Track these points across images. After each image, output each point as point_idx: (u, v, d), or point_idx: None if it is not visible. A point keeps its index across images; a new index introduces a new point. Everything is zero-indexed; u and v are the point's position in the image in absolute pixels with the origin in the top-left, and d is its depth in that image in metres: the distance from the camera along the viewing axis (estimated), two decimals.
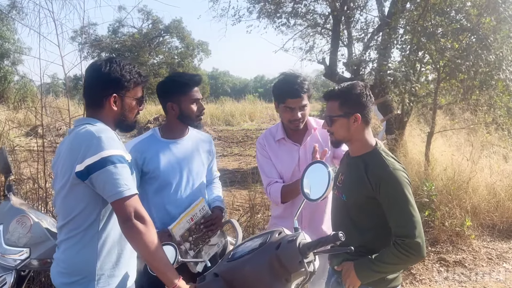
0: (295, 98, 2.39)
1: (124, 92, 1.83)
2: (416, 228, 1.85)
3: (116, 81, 1.79)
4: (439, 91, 6.18)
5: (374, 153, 2.02)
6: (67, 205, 1.74)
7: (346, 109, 1.98)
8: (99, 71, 1.80)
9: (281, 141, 2.56)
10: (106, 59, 1.84)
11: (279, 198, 2.46)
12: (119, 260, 1.79)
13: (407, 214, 1.87)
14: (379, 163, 1.96)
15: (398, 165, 1.98)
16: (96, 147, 1.64)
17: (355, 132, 2.01)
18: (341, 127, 2.01)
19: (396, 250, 1.85)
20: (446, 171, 6.01)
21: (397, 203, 1.88)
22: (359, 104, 1.98)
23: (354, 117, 1.98)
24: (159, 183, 2.34)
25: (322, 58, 8.32)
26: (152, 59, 33.10)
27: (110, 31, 32.56)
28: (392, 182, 1.90)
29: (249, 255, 1.56)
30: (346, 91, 1.99)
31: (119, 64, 1.81)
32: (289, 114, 2.43)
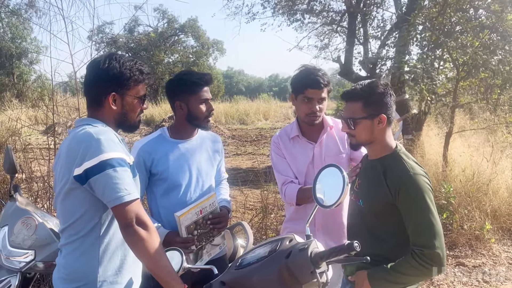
0: (315, 89, 2.32)
1: (124, 90, 1.73)
2: (436, 238, 1.73)
3: (115, 79, 1.70)
4: (458, 90, 6.00)
5: (393, 156, 1.91)
6: (66, 209, 1.67)
7: (370, 110, 1.88)
8: (98, 68, 1.71)
9: (296, 138, 2.49)
10: (106, 55, 1.74)
11: (294, 200, 2.38)
12: (122, 266, 1.72)
13: (427, 222, 1.75)
14: (398, 167, 1.85)
15: (419, 169, 1.86)
16: (95, 150, 1.56)
17: (378, 134, 1.91)
18: (365, 130, 1.90)
19: (414, 261, 1.74)
20: (465, 172, 5.84)
21: (417, 210, 1.76)
22: (383, 104, 1.88)
23: (379, 118, 1.87)
24: (168, 185, 2.27)
25: (337, 57, 8.19)
26: (168, 58, 33.26)
27: (126, 30, 32.82)
28: (412, 187, 1.78)
29: (258, 264, 1.47)
30: (369, 91, 1.88)
31: (119, 60, 1.72)
32: (307, 106, 2.35)
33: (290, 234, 1.53)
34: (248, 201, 6.08)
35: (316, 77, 2.32)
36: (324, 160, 2.42)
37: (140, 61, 1.80)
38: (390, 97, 1.89)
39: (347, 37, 8.34)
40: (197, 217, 2.20)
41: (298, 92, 2.38)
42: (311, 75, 2.34)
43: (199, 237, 2.23)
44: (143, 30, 33.39)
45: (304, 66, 2.45)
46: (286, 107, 26.89)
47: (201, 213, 2.22)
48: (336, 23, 9.13)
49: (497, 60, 5.37)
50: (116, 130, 1.79)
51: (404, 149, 1.99)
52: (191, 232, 2.18)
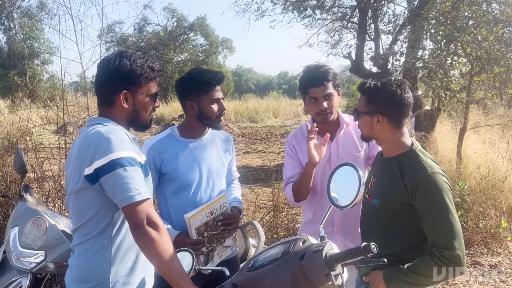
0: (317, 87, 2.26)
1: (135, 88, 1.70)
2: (456, 239, 1.67)
3: (126, 77, 1.67)
4: (472, 85, 5.89)
5: (409, 154, 1.84)
6: (78, 209, 1.65)
7: (370, 107, 1.84)
8: (108, 66, 1.69)
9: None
10: (116, 53, 1.72)
11: (292, 197, 2.36)
12: (135, 266, 1.69)
13: (446, 223, 1.69)
14: (415, 166, 1.79)
15: (437, 167, 1.80)
16: (105, 149, 1.53)
17: (380, 133, 1.86)
18: (365, 124, 1.88)
19: (432, 262, 1.68)
20: (480, 169, 5.74)
21: (435, 210, 1.70)
22: (386, 103, 1.82)
23: (377, 117, 1.83)
24: (178, 185, 2.24)
25: (348, 53, 8.10)
26: (177, 57, 33.33)
27: (136, 29, 32.98)
28: (430, 187, 1.72)
29: (271, 265, 1.42)
30: (374, 88, 1.83)
31: (130, 58, 1.69)
32: (314, 106, 2.29)
33: (304, 235, 1.49)
34: (258, 199, 6.05)
35: (316, 75, 2.26)
36: (341, 158, 2.35)
37: (151, 58, 1.77)
38: (399, 97, 1.82)
39: (358, 33, 8.24)
40: (207, 219, 2.16)
41: (303, 93, 2.34)
42: (311, 74, 2.29)
43: (210, 239, 2.19)
44: (153, 29, 33.58)
45: (307, 66, 2.39)
46: (296, 104, 26.82)
47: (211, 215, 2.18)
48: (346, 19, 9.03)
49: None
50: (128, 128, 1.76)
51: (421, 147, 1.92)
52: (201, 234, 2.14)
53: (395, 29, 7.70)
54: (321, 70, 2.28)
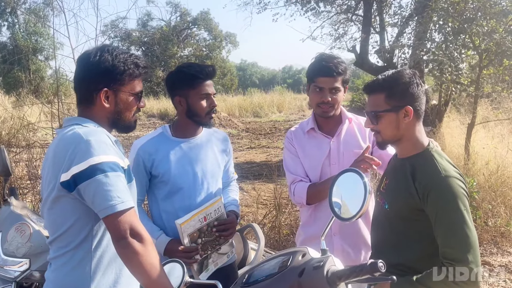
0: (326, 77, 2.13)
1: (118, 86, 1.55)
2: (470, 252, 1.51)
3: (107, 73, 1.53)
4: (481, 78, 5.72)
5: (425, 155, 1.68)
6: (54, 219, 1.51)
7: (394, 102, 1.66)
8: (88, 61, 1.53)
9: (311, 132, 2.30)
10: (98, 47, 1.57)
11: (304, 199, 2.20)
12: (118, 281, 1.55)
13: (460, 233, 1.53)
14: (429, 168, 1.63)
15: (453, 170, 1.63)
16: (83, 153, 1.39)
17: (406, 129, 1.69)
18: (389, 124, 1.68)
19: (442, 274, 1.53)
20: (489, 165, 5.59)
21: (447, 219, 1.55)
22: (409, 95, 1.66)
23: (404, 110, 1.65)
24: (170, 188, 2.09)
25: (353, 46, 7.94)
26: (181, 52, 33.16)
27: (140, 24, 32.82)
28: (443, 192, 1.57)
29: (266, 282, 1.29)
30: (392, 81, 1.67)
31: (112, 52, 1.54)
32: (317, 96, 2.17)
33: (303, 247, 1.35)
34: (261, 196, 5.92)
35: (328, 64, 2.13)
36: (342, 156, 2.22)
37: (135, 54, 1.62)
38: (417, 87, 1.67)
39: (363, 25, 8.06)
40: (201, 224, 2.02)
41: (310, 80, 2.22)
42: (322, 62, 2.16)
43: (204, 246, 2.05)
44: (156, 24, 33.42)
45: (320, 54, 2.27)
46: (300, 99, 26.64)
47: (205, 220, 2.03)
48: (351, 11, 8.84)
49: None
50: (110, 130, 1.62)
51: (439, 148, 1.77)
52: (194, 241, 2.00)
53: (402, 21, 7.51)
54: (334, 60, 2.16)
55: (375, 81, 1.72)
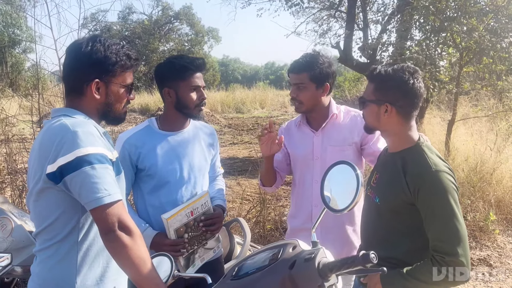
0: (292, 73, 2.24)
1: (109, 77, 1.53)
2: (460, 245, 1.53)
3: (99, 64, 1.50)
4: (462, 75, 5.82)
5: (415, 150, 1.69)
6: (39, 211, 1.47)
7: (379, 95, 1.67)
8: (79, 51, 1.50)
9: (300, 125, 2.37)
10: (88, 37, 1.54)
11: (260, 182, 2.40)
12: (105, 275, 1.52)
13: (450, 227, 1.55)
14: (420, 163, 1.64)
15: (443, 165, 1.64)
16: (70, 144, 1.36)
17: (387, 124, 1.70)
18: (371, 114, 1.72)
19: (434, 267, 1.55)
20: (468, 161, 5.70)
21: (438, 213, 1.56)
22: (396, 92, 1.65)
23: (385, 106, 1.66)
24: (157, 181, 2.06)
25: (337, 43, 7.96)
26: (162, 46, 32.79)
27: (120, 18, 32.31)
28: (434, 187, 1.58)
29: (257, 274, 1.28)
30: (384, 75, 1.67)
31: (104, 43, 1.51)
32: (291, 91, 2.28)
33: (294, 239, 1.34)
34: (245, 191, 5.91)
35: (298, 61, 2.22)
36: (325, 150, 2.24)
37: (127, 45, 1.59)
38: (411, 87, 1.65)
39: (347, 22, 8.10)
40: (187, 219, 1.99)
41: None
42: (296, 59, 2.25)
43: (191, 241, 2.03)
44: (137, 18, 32.93)
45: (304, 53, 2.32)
46: (282, 95, 26.65)
47: (192, 215, 2.01)
48: (334, 7, 8.87)
49: (507, 42, 5.18)
50: (99, 122, 1.59)
51: (429, 142, 1.78)
52: (181, 236, 1.98)
53: (384, 18, 7.58)
54: (306, 58, 2.21)
55: (374, 70, 1.72)
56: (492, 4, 5.63)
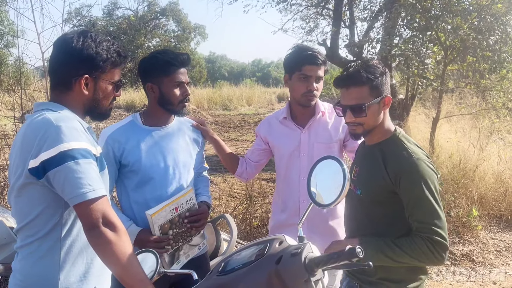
0: (313, 65, 2.16)
1: (99, 73, 1.52)
2: (442, 229, 1.60)
3: (90, 60, 1.48)
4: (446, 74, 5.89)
5: (393, 140, 1.75)
6: (21, 207, 1.44)
7: (377, 93, 1.71)
8: (69, 45, 1.48)
9: (283, 121, 2.33)
10: (79, 32, 1.51)
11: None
12: (89, 271, 1.50)
13: (433, 211, 1.60)
14: (399, 152, 1.69)
15: (422, 153, 1.70)
16: (53, 139, 1.33)
17: (383, 117, 1.76)
18: (373, 115, 1.73)
19: (422, 241, 1.60)
20: (452, 158, 5.78)
21: (421, 198, 1.61)
22: (384, 84, 1.73)
23: (384, 100, 1.72)
24: (141, 177, 2.03)
25: (323, 40, 7.98)
26: (148, 42, 32.52)
27: (105, 13, 31.94)
28: (414, 174, 1.63)
29: (243, 270, 1.27)
30: (372, 72, 1.71)
31: (95, 39, 1.50)
32: (303, 85, 2.18)
33: (280, 234, 1.34)
34: (232, 188, 5.90)
35: (313, 53, 2.17)
36: (312, 147, 2.25)
37: (117, 42, 1.57)
38: (387, 76, 1.76)
39: (333, 19, 8.13)
40: (172, 216, 1.97)
41: (294, 69, 2.20)
42: (308, 51, 2.19)
43: (175, 237, 2.00)
44: (123, 14, 32.61)
45: (297, 45, 2.30)
46: (269, 92, 26.68)
47: (176, 211, 1.99)
48: (321, 5, 8.89)
49: (494, 40, 5.26)
50: (83, 117, 1.57)
51: (404, 132, 1.83)
52: (165, 232, 1.95)
53: (371, 16, 7.62)
54: (316, 50, 2.20)
55: (356, 74, 1.71)
56: (476, 3, 5.70)
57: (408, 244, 1.62)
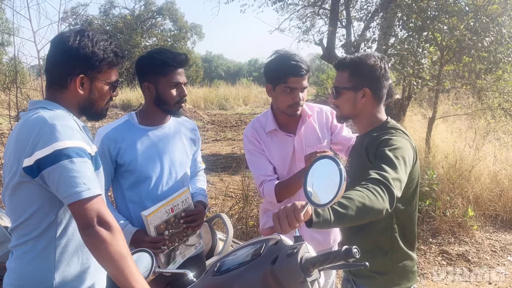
0: (298, 77, 2.08)
1: (95, 73, 1.51)
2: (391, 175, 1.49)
3: (86, 59, 1.48)
4: (442, 74, 5.91)
5: (380, 128, 1.78)
6: (15, 206, 1.44)
7: (355, 81, 1.74)
8: (66, 44, 1.47)
9: (273, 132, 2.24)
10: (76, 31, 1.51)
11: (274, 198, 2.14)
12: (84, 271, 1.50)
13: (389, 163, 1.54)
14: (381, 136, 1.70)
15: (404, 136, 1.72)
16: (48, 137, 1.33)
17: (363, 108, 1.78)
18: (347, 101, 1.78)
19: (368, 183, 1.47)
20: (448, 158, 5.79)
21: (383, 158, 1.56)
22: (371, 77, 1.74)
23: (363, 91, 1.74)
24: (137, 177, 2.02)
25: (320, 40, 7.99)
26: (145, 42, 32.45)
27: (102, 12, 31.85)
28: (389, 141, 1.64)
29: (239, 270, 1.27)
30: (358, 61, 1.74)
31: (92, 39, 1.49)
32: (289, 97, 2.11)
33: (276, 235, 1.33)
34: (228, 188, 5.90)
35: (297, 63, 2.07)
36: (305, 152, 2.22)
37: (115, 41, 1.56)
38: (380, 71, 1.75)
39: (330, 19, 8.14)
40: (167, 216, 1.97)
41: (277, 81, 2.12)
42: (291, 61, 2.08)
43: (171, 238, 2.00)
44: (119, 13, 32.54)
45: (278, 53, 2.18)
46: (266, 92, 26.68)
47: (172, 211, 1.98)
48: (318, 5, 8.90)
49: (489, 41, 5.28)
50: (79, 117, 1.57)
51: (395, 123, 1.84)
52: (161, 233, 1.95)
53: (367, 16, 7.64)
54: (298, 58, 2.10)
55: (343, 59, 1.79)
56: (472, 4, 5.72)
57: (354, 189, 1.47)
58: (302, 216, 1.24)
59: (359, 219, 1.38)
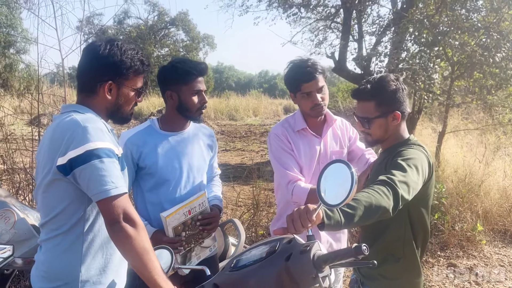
0: (310, 82, 2.19)
1: (122, 80, 1.62)
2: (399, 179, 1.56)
3: (114, 67, 1.59)
4: (453, 89, 5.96)
5: (401, 144, 1.86)
6: (47, 202, 1.54)
7: (383, 109, 1.82)
8: (96, 53, 1.59)
9: (302, 132, 2.33)
10: (106, 40, 1.62)
11: (304, 200, 2.16)
12: (107, 265, 1.59)
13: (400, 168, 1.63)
14: (401, 151, 1.78)
15: (422, 150, 1.81)
16: (80, 139, 1.43)
17: (394, 130, 1.86)
18: (380, 128, 1.85)
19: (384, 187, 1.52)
20: (457, 173, 5.80)
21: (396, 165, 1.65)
22: (396, 100, 1.82)
23: (392, 115, 1.82)
24: (157, 180, 2.12)
25: (332, 53, 8.08)
26: (157, 52, 32.87)
27: (116, 21, 32.40)
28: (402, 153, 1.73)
29: (255, 266, 1.35)
30: (381, 89, 1.81)
31: (120, 48, 1.61)
32: (308, 101, 2.23)
33: (290, 234, 1.41)
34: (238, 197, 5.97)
35: (306, 69, 2.19)
36: (329, 156, 2.32)
37: (141, 51, 1.68)
38: (402, 92, 1.84)
39: (342, 33, 8.25)
40: (185, 218, 2.06)
41: (295, 90, 2.26)
42: (300, 69, 2.21)
43: (188, 239, 2.09)
44: (133, 22, 33.03)
45: (291, 62, 2.31)
46: (276, 104, 26.81)
47: (189, 214, 2.08)
48: (330, 18, 9.02)
49: (500, 57, 5.33)
50: (106, 120, 1.67)
51: (417, 139, 1.93)
52: (178, 234, 2.04)
53: (379, 30, 7.73)
54: (308, 63, 2.21)
55: (364, 89, 1.84)
56: (484, 21, 5.78)
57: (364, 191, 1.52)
58: (314, 217, 1.32)
59: (367, 218, 1.45)
